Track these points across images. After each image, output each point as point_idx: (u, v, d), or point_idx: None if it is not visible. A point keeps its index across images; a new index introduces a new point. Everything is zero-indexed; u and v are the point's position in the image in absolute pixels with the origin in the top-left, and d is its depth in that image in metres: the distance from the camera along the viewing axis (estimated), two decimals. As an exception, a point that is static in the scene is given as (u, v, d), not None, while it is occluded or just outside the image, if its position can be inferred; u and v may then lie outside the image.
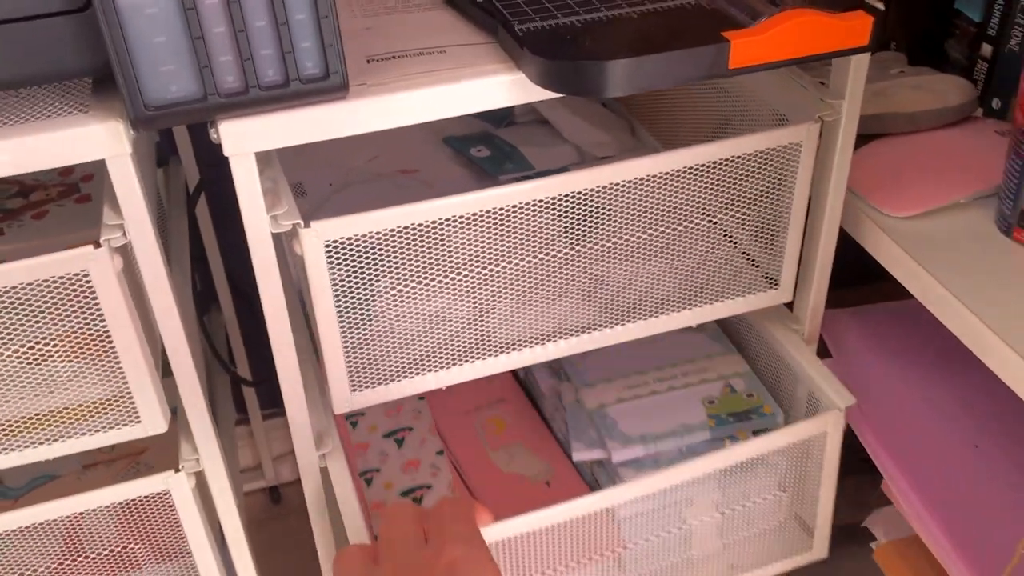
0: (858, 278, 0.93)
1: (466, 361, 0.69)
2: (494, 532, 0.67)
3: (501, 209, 0.63)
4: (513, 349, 0.70)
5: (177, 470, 0.67)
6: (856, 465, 0.80)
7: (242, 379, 1.09)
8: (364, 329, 0.65)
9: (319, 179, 0.89)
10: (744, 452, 0.72)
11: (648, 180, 0.66)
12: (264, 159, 0.60)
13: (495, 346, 0.69)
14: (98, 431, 0.64)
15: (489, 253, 0.65)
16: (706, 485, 0.73)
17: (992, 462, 0.73)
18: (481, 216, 0.63)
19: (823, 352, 0.82)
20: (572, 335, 0.71)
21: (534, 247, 0.66)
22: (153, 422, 0.64)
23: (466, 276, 0.66)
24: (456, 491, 0.83)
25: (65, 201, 0.83)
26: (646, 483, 0.70)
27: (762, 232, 0.73)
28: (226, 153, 0.54)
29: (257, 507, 1.30)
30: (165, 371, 0.65)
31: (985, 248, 0.70)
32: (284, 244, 0.68)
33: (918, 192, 0.72)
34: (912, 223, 0.72)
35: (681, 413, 0.79)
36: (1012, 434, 0.74)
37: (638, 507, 0.72)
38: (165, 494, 0.69)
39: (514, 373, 0.96)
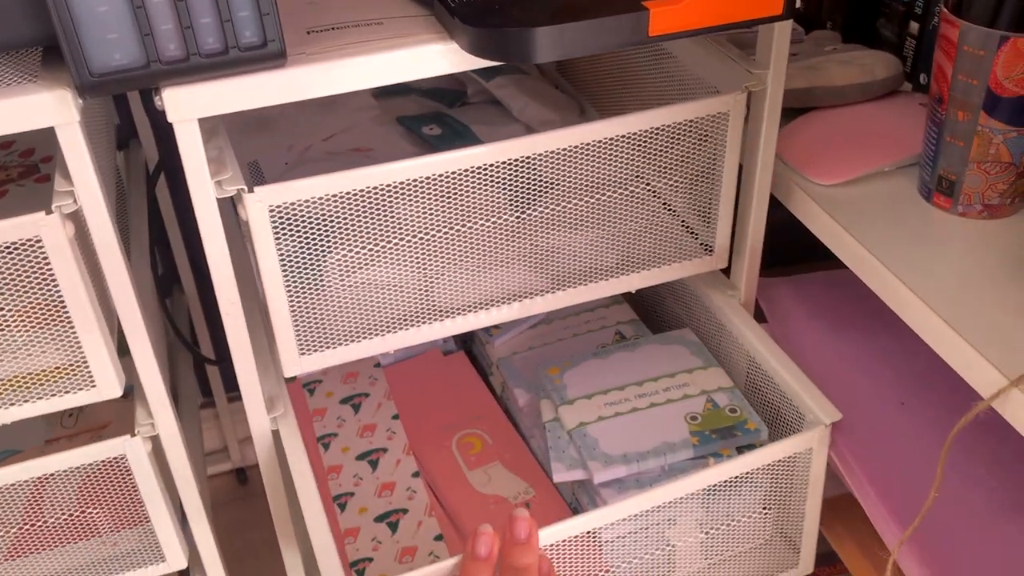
0: (802, 257, 0.96)
1: (413, 325, 0.71)
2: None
3: (441, 176, 0.65)
4: (459, 314, 0.72)
5: (133, 435, 0.70)
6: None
7: (204, 357, 1.11)
8: (312, 293, 0.67)
9: (275, 160, 0.91)
10: (728, 470, 0.70)
11: (585, 148, 0.69)
12: (210, 129, 0.62)
13: (441, 311, 0.72)
14: (54, 395, 0.66)
15: (434, 221, 0.68)
16: (689, 504, 0.72)
17: (915, 417, 0.76)
18: (423, 183, 0.65)
19: (759, 317, 0.85)
20: (516, 300, 0.73)
21: (478, 216, 0.69)
22: (108, 387, 0.66)
23: (412, 243, 0.68)
24: (433, 514, 0.80)
25: (25, 181, 0.85)
26: (629, 504, 0.68)
27: (698, 200, 0.77)
28: (170, 119, 0.56)
29: (224, 489, 1.32)
30: (126, 351, 0.67)
31: (907, 213, 0.73)
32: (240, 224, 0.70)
33: (844, 161, 0.75)
34: (838, 190, 0.75)
35: (663, 431, 0.77)
36: (933, 391, 0.77)
37: (621, 529, 0.70)
38: (122, 458, 0.71)
39: (491, 389, 0.93)
